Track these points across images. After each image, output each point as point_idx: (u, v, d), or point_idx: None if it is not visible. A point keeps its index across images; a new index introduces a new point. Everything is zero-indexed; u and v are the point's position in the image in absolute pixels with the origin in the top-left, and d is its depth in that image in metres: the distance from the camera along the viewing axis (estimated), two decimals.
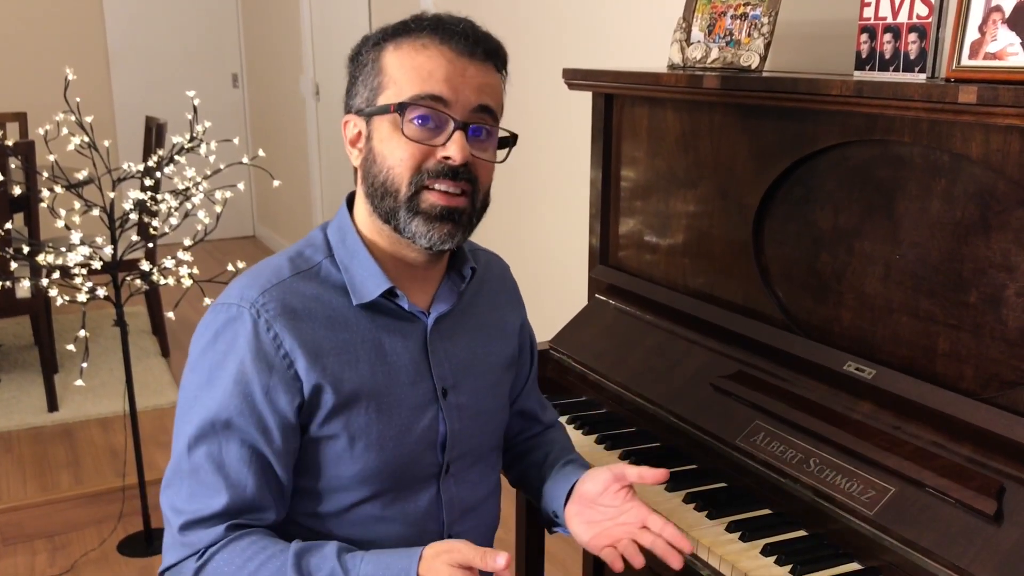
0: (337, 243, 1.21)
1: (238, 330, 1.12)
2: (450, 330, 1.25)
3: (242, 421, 1.11)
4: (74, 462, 3.23)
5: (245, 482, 1.11)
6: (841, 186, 1.43)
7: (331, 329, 1.15)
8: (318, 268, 1.19)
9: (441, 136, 1.12)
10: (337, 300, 1.17)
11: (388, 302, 1.19)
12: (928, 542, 1.16)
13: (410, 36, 1.14)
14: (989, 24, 1.23)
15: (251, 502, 1.12)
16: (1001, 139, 1.18)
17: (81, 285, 2.50)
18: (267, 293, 1.14)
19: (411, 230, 1.14)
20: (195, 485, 1.11)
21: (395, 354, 1.19)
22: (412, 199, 1.13)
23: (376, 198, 1.16)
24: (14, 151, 2.94)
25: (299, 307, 1.14)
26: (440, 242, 1.15)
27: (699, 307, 1.68)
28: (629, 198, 1.89)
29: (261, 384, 1.11)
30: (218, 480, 1.10)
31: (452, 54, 1.12)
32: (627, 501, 1.20)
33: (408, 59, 1.13)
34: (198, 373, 1.14)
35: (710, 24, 1.76)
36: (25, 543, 2.82)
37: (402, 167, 1.13)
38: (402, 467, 1.19)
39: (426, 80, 1.11)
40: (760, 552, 1.28)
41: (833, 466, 1.31)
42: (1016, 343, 1.21)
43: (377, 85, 1.15)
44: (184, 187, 2.66)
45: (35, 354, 4.06)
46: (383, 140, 1.14)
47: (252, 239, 6.88)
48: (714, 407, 1.52)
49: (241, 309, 1.13)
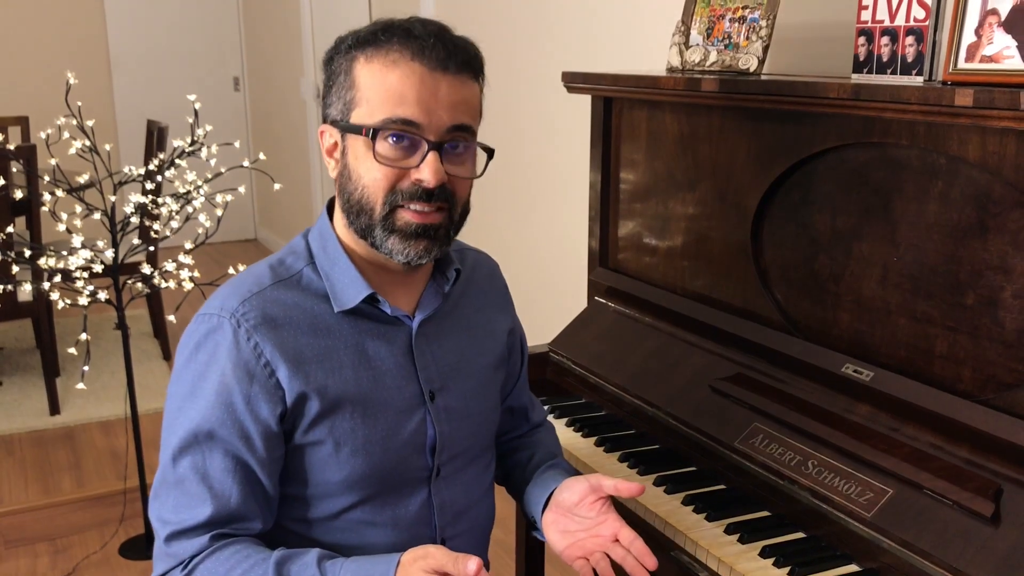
0: (318, 250, 1.21)
1: (219, 340, 1.13)
2: (436, 332, 1.25)
3: (224, 432, 1.11)
4: (75, 465, 3.23)
5: (229, 492, 1.11)
6: (839, 188, 1.44)
7: (313, 336, 1.15)
8: (299, 276, 1.19)
9: (415, 157, 1.11)
10: (319, 307, 1.17)
11: (370, 307, 1.19)
12: (926, 544, 1.16)
13: (380, 49, 1.11)
14: (985, 27, 1.23)
15: (235, 512, 1.12)
16: (997, 141, 1.19)
17: (82, 288, 2.51)
18: (247, 303, 1.14)
19: (387, 247, 1.14)
20: (180, 496, 1.12)
21: (379, 359, 1.19)
22: (387, 218, 1.13)
23: (352, 215, 1.15)
24: (16, 155, 2.94)
25: (280, 315, 1.15)
26: (417, 258, 1.14)
27: (698, 309, 1.68)
28: (628, 201, 1.90)
29: (242, 394, 1.11)
30: (202, 490, 1.11)
31: (424, 70, 1.10)
32: (602, 513, 1.19)
33: (379, 77, 1.11)
34: (181, 384, 1.15)
35: (708, 27, 1.77)
36: (27, 546, 2.83)
37: (375, 187, 1.12)
38: (390, 471, 1.19)
39: (398, 103, 1.09)
40: (759, 554, 1.28)
41: (831, 468, 1.32)
42: (1013, 345, 1.22)
43: (350, 100, 1.13)
44: (185, 190, 2.66)
45: (37, 357, 4.06)
46: (357, 158, 1.13)
47: (253, 242, 6.88)
48: (713, 409, 1.52)
49: (221, 319, 1.13)
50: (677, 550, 1.35)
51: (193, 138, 2.68)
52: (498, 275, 1.42)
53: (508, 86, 3.08)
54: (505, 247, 3.14)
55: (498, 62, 3.13)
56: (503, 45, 3.12)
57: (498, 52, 3.08)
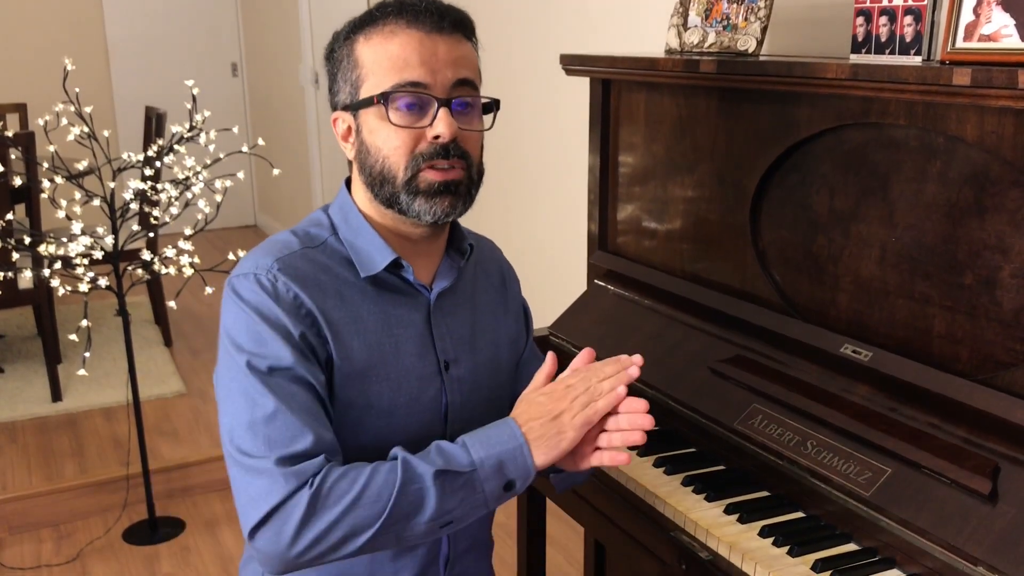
0: (340, 222, 1.24)
1: (261, 293, 1.14)
2: (451, 306, 1.28)
3: (299, 367, 1.11)
4: (78, 451, 3.25)
5: (322, 421, 1.11)
6: (837, 169, 1.44)
7: (341, 300, 1.18)
8: (324, 245, 1.22)
9: (427, 117, 1.15)
10: (345, 273, 1.20)
11: (394, 276, 1.22)
12: (924, 522, 1.17)
13: (377, 25, 1.17)
14: (983, 6, 1.23)
15: (330, 442, 1.11)
16: (995, 121, 1.19)
17: (83, 275, 2.51)
18: (281, 260, 1.16)
19: (415, 210, 1.17)
20: (276, 429, 1.08)
21: (401, 327, 1.22)
22: (410, 182, 1.16)
23: (376, 187, 1.19)
24: (14, 142, 2.94)
25: (311, 276, 1.17)
26: (444, 215, 1.18)
27: (697, 291, 1.68)
28: (627, 184, 1.90)
29: (298, 332, 1.13)
30: (300, 420, 1.09)
31: (421, 34, 1.15)
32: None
33: (381, 49, 1.16)
34: (241, 337, 1.13)
35: (707, 8, 1.76)
36: (31, 532, 2.84)
37: (396, 154, 1.16)
38: (412, 436, 1.21)
39: (403, 68, 1.14)
40: (758, 533, 1.29)
41: (830, 448, 1.32)
42: (1011, 324, 1.22)
43: (356, 79, 1.18)
44: (184, 176, 2.66)
45: (38, 344, 4.07)
46: (372, 131, 1.17)
47: (253, 228, 6.88)
48: (712, 390, 1.53)
49: (259, 276, 1.15)
50: (677, 530, 1.35)
51: (192, 124, 2.68)
52: (500, 256, 1.44)
53: (507, 69, 3.07)
54: (505, 231, 3.14)
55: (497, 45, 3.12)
56: (502, 28, 3.11)
57: (496, 35, 3.07)
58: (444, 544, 1.30)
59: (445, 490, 1.08)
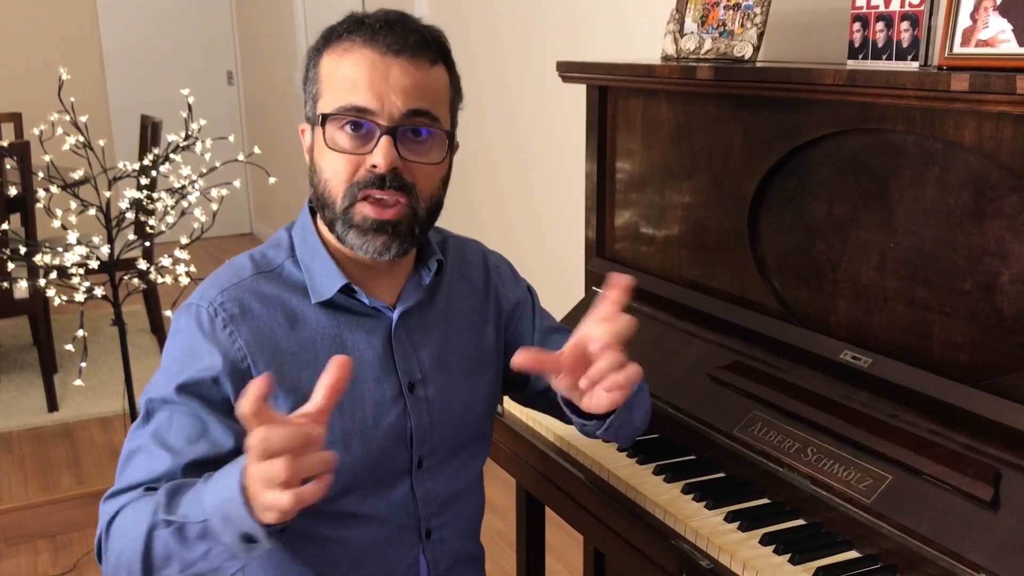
0: (299, 243, 1.21)
1: (195, 330, 1.13)
2: (420, 324, 1.24)
3: (202, 410, 1.10)
4: (75, 462, 3.24)
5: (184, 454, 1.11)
6: (835, 175, 1.43)
7: (291, 328, 1.16)
8: (280, 269, 1.19)
9: (370, 144, 1.10)
10: (297, 299, 1.18)
11: (348, 299, 1.19)
12: (926, 529, 1.17)
13: (339, 41, 1.11)
14: (981, 11, 1.23)
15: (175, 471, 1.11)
16: (993, 126, 1.19)
17: (79, 285, 2.50)
18: (225, 292, 1.15)
19: (348, 242, 1.14)
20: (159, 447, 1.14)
21: (357, 351, 1.18)
22: (347, 211, 1.12)
23: (320, 209, 1.16)
24: (9, 152, 2.93)
25: (257, 306, 1.15)
26: (377, 254, 1.13)
27: (695, 298, 1.68)
28: (624, 190, 1.90)
29: (224, 369, 1.11)
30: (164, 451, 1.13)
31: (375, 55, 1.08)
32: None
33: (334, 66, 1.11)
34: (161, 368, 1.15)
35: (703, 15, 1.76)
36: (27, 543, 2.83)
37: (335, 179, 1.12)
38: (370, 464, 1.18)
39: (350, 91, 1.09)
40: (759, 541, 1.28)
41: (830, 455, 1.32)
42: (1011, 330, 1.22)
43: (314, 94, 1.14)
44: (180, 185, 2.66)
45: (34, 354, 4.06)
46: (320, 151, 1.13)
47: (249, 236, 6.87)
48: (711, 398, 1.52)
49: (200, 308, 1.14)
50: (677, 539, 1.35)
51: (187, 133, 2.68)
52: (489, 258, 1.40)
53: (503, 76, 3.07)
54: (502, 238, 3.14)
55: (493, 52, 3.13)
56: (498, 35, 3.11)
57: (493, 42, 3.07)
58: (423, 568, 1.27)
59: (183, 543, 1.00)
